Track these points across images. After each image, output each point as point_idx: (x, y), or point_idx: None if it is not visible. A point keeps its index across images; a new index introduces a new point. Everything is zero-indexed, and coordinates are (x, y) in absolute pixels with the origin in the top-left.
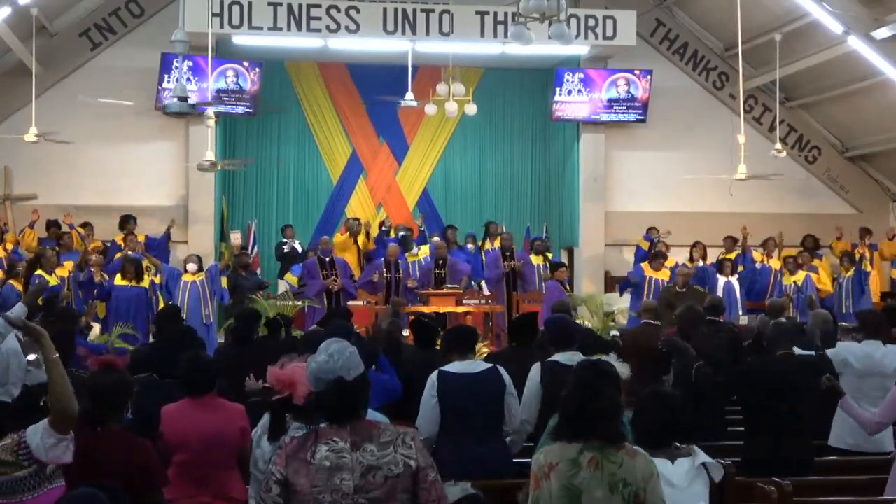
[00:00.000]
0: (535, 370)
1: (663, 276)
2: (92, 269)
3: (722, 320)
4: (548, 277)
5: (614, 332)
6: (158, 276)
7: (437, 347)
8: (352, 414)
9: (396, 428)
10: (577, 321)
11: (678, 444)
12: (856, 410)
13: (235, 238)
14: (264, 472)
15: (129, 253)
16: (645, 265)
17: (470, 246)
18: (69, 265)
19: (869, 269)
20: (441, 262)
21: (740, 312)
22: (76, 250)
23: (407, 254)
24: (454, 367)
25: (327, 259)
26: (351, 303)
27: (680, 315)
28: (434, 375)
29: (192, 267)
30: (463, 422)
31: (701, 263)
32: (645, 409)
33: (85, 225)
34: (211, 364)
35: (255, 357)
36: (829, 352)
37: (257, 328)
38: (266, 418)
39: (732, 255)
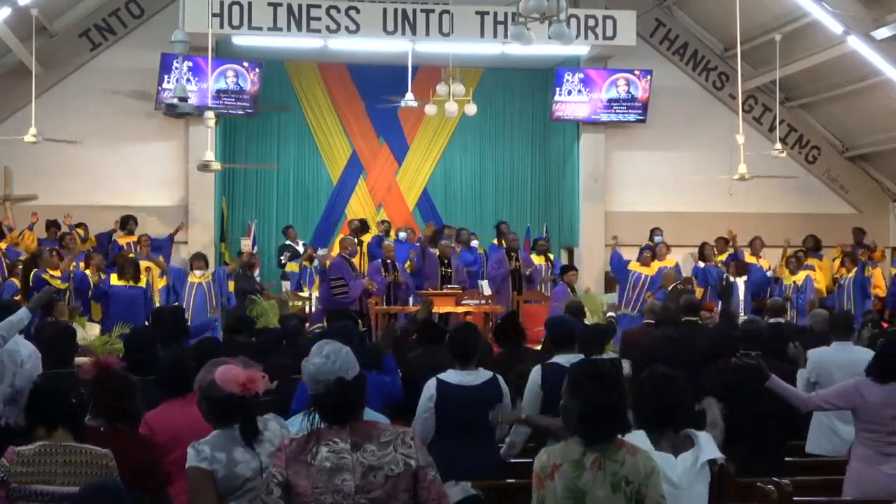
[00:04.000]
0: (536, 372)
1: (650, 272)
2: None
3: (701, 321)
4: (550, 279)
5: (610, 314)
6: (164, 277)
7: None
8: (352, 414)
9: (396, 428)
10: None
11: (684, 432)
12: (787, 388)
13: (245, 245)
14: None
15: (132, 255)
16: (635, 264)
17: (475, 243)
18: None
19: (870, 273)
20: (447, 261)
21: (742, 313)
22: (79, 251)
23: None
24: (453, 377)
25: (352, 259)
26: None
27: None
28: (432, 384)
29: (198, 271)
30: (457, 428)
31: (702, 264)
32: (646, 389)
33: (79, 225)
34: (189, 363)
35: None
36: (809, 361)
37: (249, 330)
38: (211, 442)
39: (723, 256)
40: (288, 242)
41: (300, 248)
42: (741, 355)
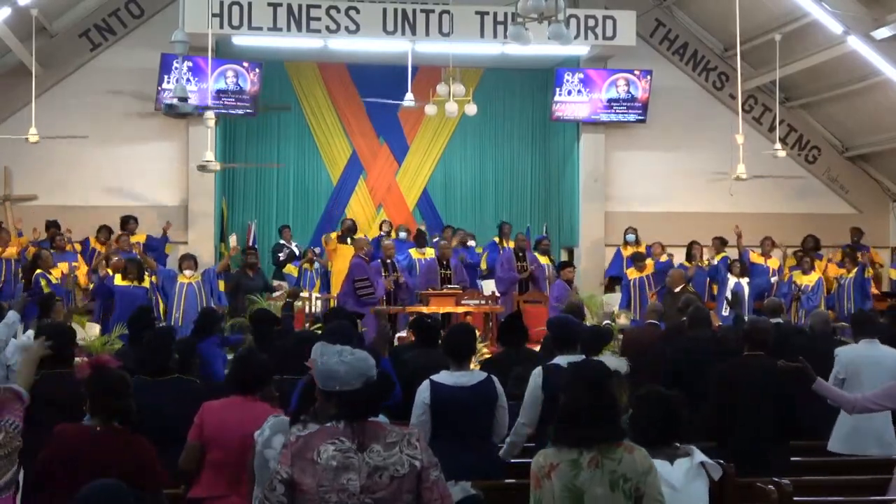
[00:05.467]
0: (537, 373)
1: (647, 272)
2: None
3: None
4: (553, 278)
5: (606, 322)
6: (154, 276)
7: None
8: (369, 413)
9: (401, 428)
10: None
11: (677, 445)
12: (833, 391)
13: (233, 241)
14: None
15: (120, 254)
16: (630, 270)
17: (471, 242)
18: (64, 266)
19: (870, 273)
20: (445, 262)
21: (745, 313)
22: (70, 251)
23: (412, 250)
24: (447, 378)
25: (368, 259)
26: None
27: (689, 315)
28: (426, 386)
29: (188, 271)
30: (453, 430)
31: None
32: (642, 408)
33: (101, 229)
34: (262, 364)
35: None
36: (838, 359)
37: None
38: (273, 420)
39: (719, 257)
40: (282, 242)
41: (294, 249)
42: (747, 356)
